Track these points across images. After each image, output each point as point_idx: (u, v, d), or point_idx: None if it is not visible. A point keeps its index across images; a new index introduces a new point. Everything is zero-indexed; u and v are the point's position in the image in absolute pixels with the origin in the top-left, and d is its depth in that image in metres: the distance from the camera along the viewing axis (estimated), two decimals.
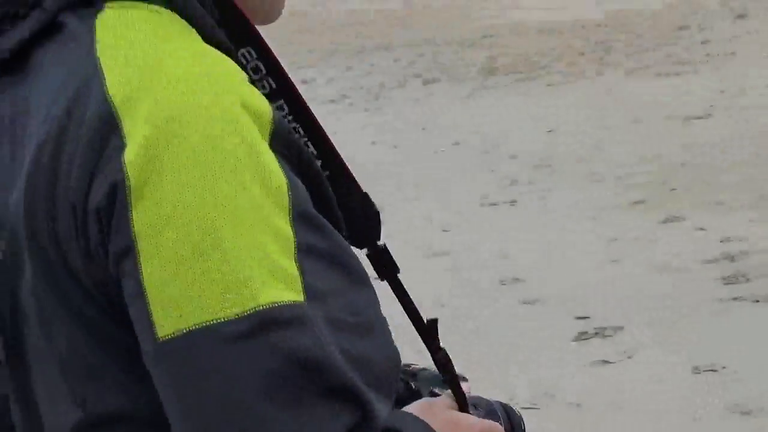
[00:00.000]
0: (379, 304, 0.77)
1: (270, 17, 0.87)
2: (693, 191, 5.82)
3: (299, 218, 0.68)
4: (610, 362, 3.89)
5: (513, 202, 6.23)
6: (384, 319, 0.77)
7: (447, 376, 0.92)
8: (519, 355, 4.07)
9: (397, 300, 0.90)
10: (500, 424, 0.97)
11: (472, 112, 8.90)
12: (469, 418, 0.91)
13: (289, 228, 0.67)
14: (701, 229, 5.12)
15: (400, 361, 0.79)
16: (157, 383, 0.66)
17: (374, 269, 0.89)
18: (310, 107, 0.85)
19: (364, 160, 6.59)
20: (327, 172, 0.80)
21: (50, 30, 0.75)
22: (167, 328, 0.64)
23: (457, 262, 5.24)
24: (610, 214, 5.67)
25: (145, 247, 0.64)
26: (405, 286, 0.92)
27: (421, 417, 0.82)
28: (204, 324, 0.64)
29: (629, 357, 3.92)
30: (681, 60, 9.83)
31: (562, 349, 4.08)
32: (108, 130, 0.66)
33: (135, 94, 0.67)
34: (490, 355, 4.06)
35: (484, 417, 0.94)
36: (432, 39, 13.02)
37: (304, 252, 0.68)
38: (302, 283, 0.67)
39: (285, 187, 0.67)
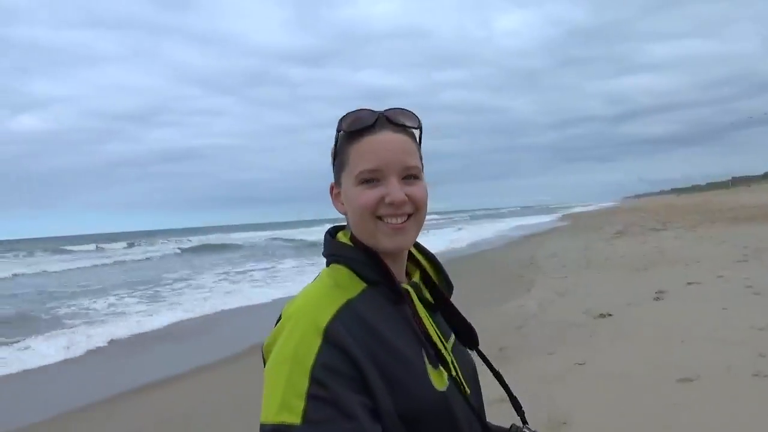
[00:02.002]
0: (362, 429, 0.88)
1: (380, 249, 1.03)
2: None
3: (315, 382, 0.89)
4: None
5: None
6: None
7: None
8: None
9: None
10: None
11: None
12: None
13: (307, 385, 0.89)
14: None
15: None
16: None
17: (482, 361, 1.13)
18: None
19: None
20: (438, 311, 1.10)
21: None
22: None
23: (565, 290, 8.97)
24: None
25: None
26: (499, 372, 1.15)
27: None
28: (261, 421, 0.91)
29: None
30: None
31: None
32: (278, 319, 0.99)
33: (287, 307, 0.99)
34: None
35: None
36: None
37: (312, 396, 0.88)
38: (303, 414, 0.88)
39: (310, 366, 0.90)
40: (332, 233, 1.10)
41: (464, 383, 1.06)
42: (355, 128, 1.02)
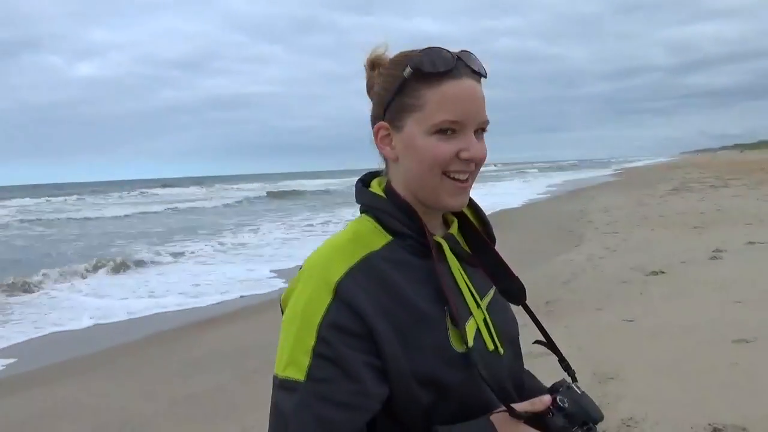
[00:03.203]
0: (364, 392, 0.86)
1: (439, 207, 0.96)
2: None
3: (321, 340, 0.86)
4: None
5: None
6: (360, 398, 0.86)
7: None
8: None
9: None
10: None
11: None
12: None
13: (313, 342, 0.86)
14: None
15: (361, 420, 0.87)
16: None
17: (528, 315, 1.05)
18: None
19: None
20: (487, 267, 1.00)
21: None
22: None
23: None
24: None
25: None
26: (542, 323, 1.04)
27: (496, 424, 0.89)
28: (274, 372, 0.90)
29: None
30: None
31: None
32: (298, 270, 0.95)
33: (307, 258, 0.95)
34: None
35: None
36: None
37: (317, 354, 0.86)
38: (307, 370, 0.86)
39: (317, 322, 0.87)
40: (364, 181, 1.03)
41: (498, 342, 0.98)
42: (436, 70, 0.90)
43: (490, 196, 22.42)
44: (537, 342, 1.08)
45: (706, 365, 3.90)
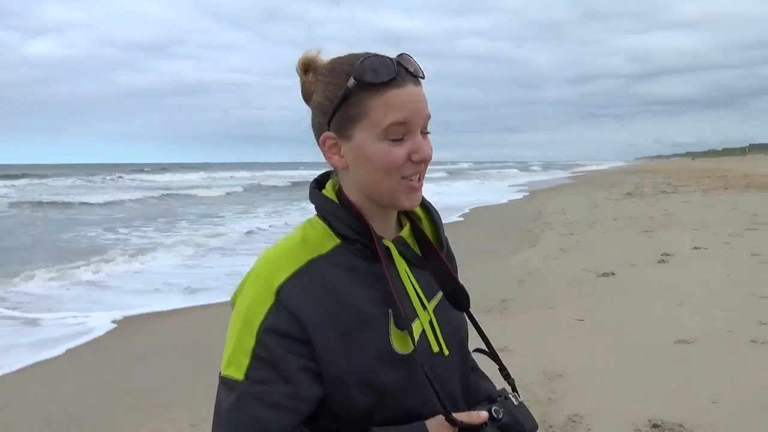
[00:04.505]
0: (295, 395, 0.90)
1: (396, 207, 0.98)
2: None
3: (259, 342, 0.90)
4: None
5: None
6: (291, 400, 0.89)
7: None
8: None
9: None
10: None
11: None
12: None
13: (253, 344, 0.90)
14: None
15: (289, 424, 0.90)
16: None
17: (471, 323, 1.07)
18: None
19: None
20: (434, 270, 1.01)
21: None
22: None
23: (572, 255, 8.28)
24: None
25: None
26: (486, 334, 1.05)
27: (430, 430, 0.92)
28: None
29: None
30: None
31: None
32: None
33: (257, 258, 0.98)
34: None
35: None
36: None
37: (255, 356, 0.90)
38: (246, 370, 0.90)
39: (257, 325, 0.90)
40: (319, 182, 1.04)
41: (443, 343, 1.00)
42: (380, 80, 0.92)
43: (451, 195, 22.65)
44: (477, 350, 1.10)
45: (649, 364, 4.07)
